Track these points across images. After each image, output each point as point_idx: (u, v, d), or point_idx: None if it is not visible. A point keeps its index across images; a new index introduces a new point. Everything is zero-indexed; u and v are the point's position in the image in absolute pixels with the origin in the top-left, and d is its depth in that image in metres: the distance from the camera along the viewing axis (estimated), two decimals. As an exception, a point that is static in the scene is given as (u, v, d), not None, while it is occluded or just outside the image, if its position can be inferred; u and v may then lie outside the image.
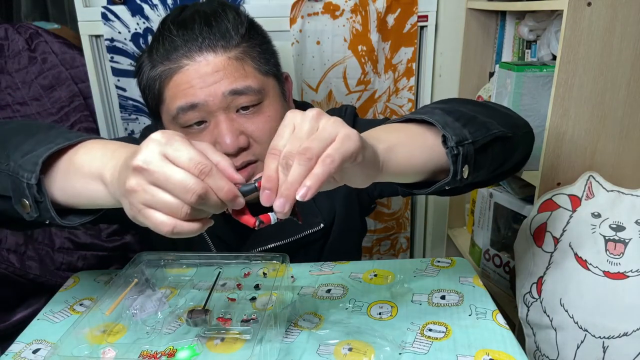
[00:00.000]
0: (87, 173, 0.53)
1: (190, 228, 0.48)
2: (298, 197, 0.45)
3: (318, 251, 0.93)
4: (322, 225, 0.88)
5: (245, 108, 0.75)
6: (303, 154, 0.46)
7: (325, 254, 0.93)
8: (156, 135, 0.48)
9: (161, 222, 0.46)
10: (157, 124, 0.83)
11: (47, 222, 0.57)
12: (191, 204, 0.46)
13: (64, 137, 0.57)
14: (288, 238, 0.87)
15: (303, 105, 0.95)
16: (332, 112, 0.95)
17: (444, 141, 0.60)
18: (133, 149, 0.50)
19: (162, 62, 0.74)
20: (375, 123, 0.87)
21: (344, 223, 0.92)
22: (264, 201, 0.48)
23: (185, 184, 0.45)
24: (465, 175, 0.61)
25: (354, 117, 0.94)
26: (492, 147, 0.65)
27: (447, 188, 0.62)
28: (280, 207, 0.46)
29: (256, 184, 0.50)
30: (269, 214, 0.52)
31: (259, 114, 0.76)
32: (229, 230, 0.89)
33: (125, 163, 0.49)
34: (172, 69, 0.73)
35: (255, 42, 0.77)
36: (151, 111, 0.82)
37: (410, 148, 0.60)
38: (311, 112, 0.50)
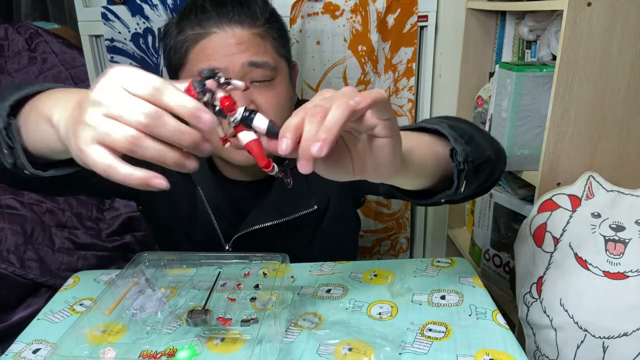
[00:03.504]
0: (40, 114, 0.54)
1: (127, 171, 0.44)
2: (314, 151, 0.42)
3: (311, 234, 0.96)
4: (315, 206, 0.92)
5: (258, 82, 0.80)
6: (340, 97, 0.44)
7: (319, 239, 0.96)
8: (114, 69, 0.45)
9: (99, 156, 0.43)
10: None
11: (26, 173, 0.57)
12: (143, 125, 0.42)
13: (39, 86, 0.58)
14: (284, 217, 0.90)
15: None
16: None
17: (451, 155, 0.63)
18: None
19: (192, 28, 0.80)
20: None
21: (337, 210, 0.95)
22: (283, 149, 0.44)
23: (135, 105, 0.42)
24: (462, 189, 0.64)
25: None
26: (482, 168, 0.68)
27: (442, 201, 0.66)
28: (319, 150, 0.42)
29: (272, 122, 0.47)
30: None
31: (270, 88, 0.82)
32: (231, 206, 0.92)
33: (79, 101, 0.47)
34: (200, 35, 0.79)
35: (276, 26, 0.85)
36: (171, 74, 0.86)
37: (424, 154, 0.62)
38: (349, 88, 0.48)
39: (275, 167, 0.50)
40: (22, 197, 1.32)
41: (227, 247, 0.92)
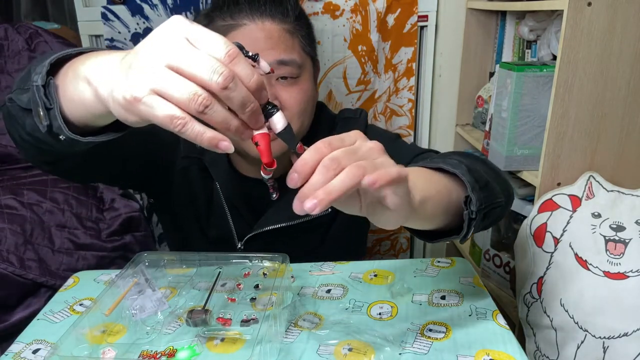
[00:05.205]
0: (78, 73, 0.51)
1: (200, 129, 0.41)
2: (307, 206, 0.42)
3: (324, 235, 0.96)
4: (329, 209, 0.91)
5: (283, 78, 0.80)
6: (356, 165, 0.44)
7: (331, 240, 0.95)
8: (176, 18, 0.42)
9: (171, 114, 0.40)
10: None
11: (61, 138, 0.54)
12: (219, 86, 0.40)
13: (82, 48, 0.56)
14: (298, 219, 0.89)
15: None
16: (345, 112, 0.99)
17: (465, 201, 0.61)
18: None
19: (223, 19, 0.80)
20: (385, 136, 0.93)
21: None
22: (291, 183, 0.44)
23: (211, 64, 0.39)
24: (469, 235, 0.64)
25: (365, 124, 0.97)
26: (491, 213, 0.67)
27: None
28: (311, 207, 0.42)
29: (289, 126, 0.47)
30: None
31: (295, 85, 0.82)
32: (246, 204, 0.92)
33: (127, 54, 0.44)
34: (231, 26, 0.79)
35: (304, 23, 0.86)
36: None
37: (438, 203, 0.60)
38: (377, 145, 0.48)
39: (272, 174, 0.49)
40: (22, 197, 1.32)
41: (239, 245, 0.91)
